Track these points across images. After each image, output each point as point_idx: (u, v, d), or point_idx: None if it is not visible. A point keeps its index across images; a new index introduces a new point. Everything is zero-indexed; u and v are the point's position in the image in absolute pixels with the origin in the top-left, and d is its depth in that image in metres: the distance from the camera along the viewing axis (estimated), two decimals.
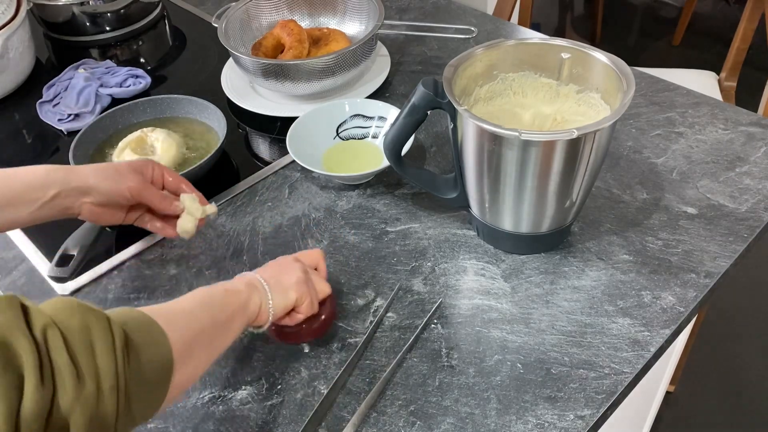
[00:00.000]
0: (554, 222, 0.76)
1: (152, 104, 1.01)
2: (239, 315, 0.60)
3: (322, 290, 0.69)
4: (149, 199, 0.72)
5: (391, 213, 0.86)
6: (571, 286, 0.75)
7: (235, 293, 0.61)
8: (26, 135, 1.09)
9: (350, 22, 1.13)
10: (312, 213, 0.87)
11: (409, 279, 0.78)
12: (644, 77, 1.05)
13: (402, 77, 1.10)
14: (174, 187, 0.75)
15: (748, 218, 0.81)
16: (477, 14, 1.23)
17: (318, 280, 0.69)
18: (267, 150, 1.01)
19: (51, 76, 1.14)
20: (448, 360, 0.69)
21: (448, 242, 0.82)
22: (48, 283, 0.81)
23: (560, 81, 0.78)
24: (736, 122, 0.95)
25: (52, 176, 0.67)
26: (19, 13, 1.14)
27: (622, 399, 0.67)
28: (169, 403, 0.52)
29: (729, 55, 1.64)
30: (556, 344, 0.70)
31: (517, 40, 0.78)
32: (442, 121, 0.99)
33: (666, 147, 0.92)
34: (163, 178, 0.75)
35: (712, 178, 0.87)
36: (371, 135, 0.96)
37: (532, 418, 0.64)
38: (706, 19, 2.97)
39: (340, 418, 0.65)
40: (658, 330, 0.70)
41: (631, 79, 0.69)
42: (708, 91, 1.46)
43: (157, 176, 0.74)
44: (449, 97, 0.69)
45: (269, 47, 1.07)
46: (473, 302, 0.75)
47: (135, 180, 0.70)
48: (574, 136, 0.64)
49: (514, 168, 0.69)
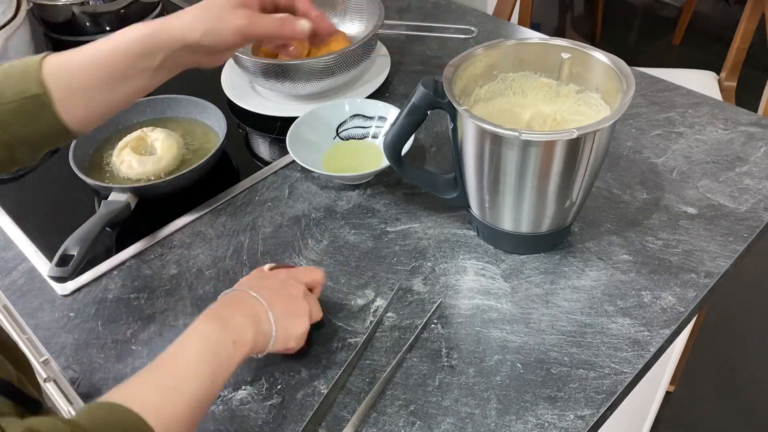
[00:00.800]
0: (554, 222, 0.76)
1: (152, 104, 1.01)
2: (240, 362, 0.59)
3: (315, 316, 0.69)
4: (266, 32, 0.66)
5: (391, 213, 0.86)
6: (571, 286, 0.75)
7: (242, 345, 0.59)
8: None
9: (350, 22, 1.13)
10: (312, 213, 0.87)
11: (409, 279, 0.78)
12: (644, 77, 1.05)
13: (402, 77, 1.10)
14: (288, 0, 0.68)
15: (748, 218, 0.81)
16: (477, 14, 1.23)
17: (313, 304, 0.69)
18: (267, 150, 1.01)
19: None
20: (448, 360, 0.69)
21: (448, 242, 0.82)
22: (48, 283, 0.81)
23: (560, 81, 0.78)
24: (736, 122, 0.95)
25: (156, 39, 0.63)
26: (19, 13, 1.14)
27: (622, 399, 0.67)
28: None
29: (729, 55, 1.64)
30: (556, 344, 0.70)
31: (517, 40, 0.78)
32: (442, 121, 0.99)
33: (666, 147, 0.92)
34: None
35: (712, 178, 0.87)
36: (371, 135, 0.96)
37: (532, 418, 0.64)
38: (706, 19, 2.97)
39: (340, 418, 0.65)
40: (658, 330, 0.70)
41: (631, 79, 0.69)
42: (708, 91, 1.46)
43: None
44: (449, 97, 0.69)
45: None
46: (473, 302, 0.75)
47: (241, 17, 0.64)
48: (574, 136, 0.64)
49: (514, 168, 0.69)
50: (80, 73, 0.64)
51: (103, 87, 0.64)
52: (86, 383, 0.71)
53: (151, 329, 0.75)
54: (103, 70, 0.64)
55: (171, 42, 0.64)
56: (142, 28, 0.64)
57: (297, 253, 0.82)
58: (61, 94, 0.63)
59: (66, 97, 0.63)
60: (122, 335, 0.75)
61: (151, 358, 0.72)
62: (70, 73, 0.63)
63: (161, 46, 0.64)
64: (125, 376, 0.71)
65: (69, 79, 0.63)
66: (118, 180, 0.92)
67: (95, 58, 0.64)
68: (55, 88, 0.62)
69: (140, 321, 0.76)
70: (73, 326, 0.76)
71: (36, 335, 0.76)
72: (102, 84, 0.64)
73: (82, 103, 0.64)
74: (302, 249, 0.82)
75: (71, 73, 0.64)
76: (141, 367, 0.71)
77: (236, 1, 0.65)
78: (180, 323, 0.75)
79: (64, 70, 0.63)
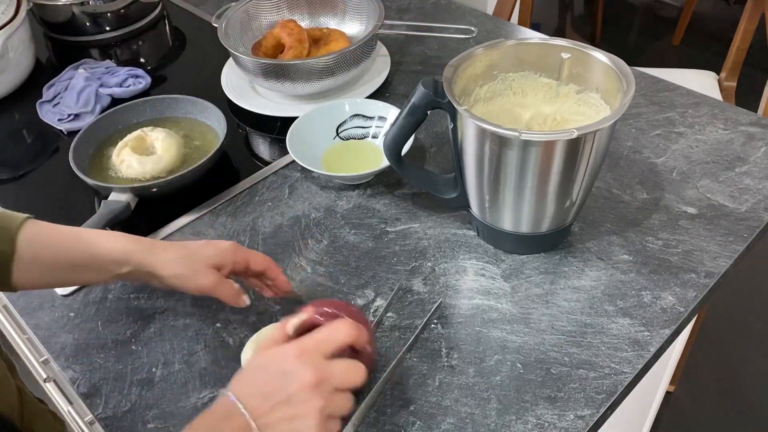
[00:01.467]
0: (554, 222, 0.76)
1: (152, 104, 1.01)
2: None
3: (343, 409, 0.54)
4: (220, 297, 0.70)
5: (391, 213, 0.86)
6: (571, 286, 0.75)
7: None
8: (26, 135, 1.09)
9: (350, 22, 1.13)
10: (312, 213, 0.87)
11: (409, 279, 0.78)
12: (644, 77, 1.05)
13: (402, 77, 1.10)
14: (260, 268, 0.72)
15: (748, 218, 0.81)
16: (477, 14, 1.23)
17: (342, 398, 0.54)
18: (267, 150, 1.01)
19: (51, 76, 1.14)
20: (448, 360, 0.69)
21: (448, 242, 0.82)
22: None
23: (560, 81, 0.78)
24: (736, 122, 0.95)
25: (129, 256, 0.68)
26: (19, 13, 1.14)
27: (622, 399, 0.67)
28: None
29: (729, 55, 1.64)
30: (556, 344, 0.70)
31: (517, 40, 0.78)
32: (442, 121, 0.99)
33: (666, 147, 0.92)
34: (248, 262, 0.71)
35: (712, 178, 0.87)
36: (371, 135, 0.96)
37: (532, 418, 0.64)
38: (706, 19, 2.97)
39: None
40: (658, 330, 0.70)
41: (631, 79, 0.69)
42: (708, 91, 1.46)
43: (240, 263, 0.71)
44: (449, 97, 0.69)
45: (269, 47, 1.07)
46: (473, 302, 0.75)
47: (209, 279, 0.68)
48: (574, 136, 0.64)
49: (514, 168, 0.69)
50: (52, 251, 0.67)
51: (66, 270, 0.68)
52: (86, 383, 0.71)
53: (151, 329, 0.75)
54: (74, 258, 0.67)
55: (144, 265, 0.68)
56: (127, 244, 0.68)
57: (297, 253, 0.82)
58: (24, 260, 0.65)
59: (26, 264, 0.65)
60: (122, 335, 0.75)
61: (151, 358, 0.72)
62: (44, 246, 0.66)
63: (134, 264, 0.68)
64: (125, 376, 0.71)
65: (40, 251, 0.66)
66: (118, 180, 0.92)
67: (72, 246, 0.68)
68: (24, 253, 0.65)
69: (140, 321, 0.76)
70: (73, 326, 0.77)
71: (36, 335, 0.76)
72: (66, 267, 0.68)
73: (38, 274, 0.67)
74: (302, 249, 0.83)
75: (45, 246, 0.67)
76: (140, 367, 0.71)
77: (213, 260, 0.69)
78: (180, 323, 0.75)
79: (40, 242, 0.66)
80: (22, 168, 1.03)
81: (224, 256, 0.70)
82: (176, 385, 0.69)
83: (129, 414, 0.67)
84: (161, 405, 0.68)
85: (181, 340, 0.74)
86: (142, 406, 0.68)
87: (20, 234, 0.65)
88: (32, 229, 0.66)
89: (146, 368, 0.71)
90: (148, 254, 0.68)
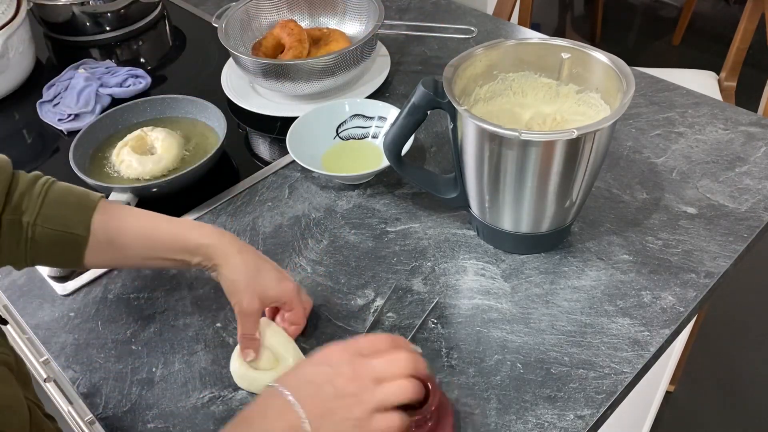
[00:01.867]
0: (554, 222, 0.76)
1: (152, 104, 1.01)
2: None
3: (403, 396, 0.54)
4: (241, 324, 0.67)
5: (391, 213, 0.86)
6: (571, 286, 0.75)
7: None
8: (26, 135, 1.09)
9: (350, 22, 1.13)
10: (312, 213, 0.87)
11: (409, 279, 0.78)
12: (644, 77, 1.05)
13: (402, 77, 1.10)
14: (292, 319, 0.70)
15: (748, 218, 0.81)
16: (477, 14, 1.23)
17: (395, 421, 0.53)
18: (267, 150, 1.01)
19: (51, 76, 1.14)
20: (448, 360, 0.69)
21: (448, 242, 0.82)
22: (48, 283, 0.81)
23: (560, 81, 0.78)
24: (736, 122, 0.95)
25: (205, 253, 0.67)
26: (19, 13, 1.14)
27: (622, 399, 0.67)
28: None
29: (729, 55, 1.64)
30: (556, 344, 0.70)
31: (517, 40, 0.78)
32: (442, 121, 0.99)
33: (666, 147, 0.92)
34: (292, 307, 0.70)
35: (712, 178, 0.87)
36: (371, 135, 0.96)
37: (532, 417, 0.64)
38: (706, 19, 2.97)
39: None
40: (658, 330, 0.70)
41: (631, 79, 0.69)
42: (708, 91, 1.46)
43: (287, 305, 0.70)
44: (449, 97, 0.69)
45: (269, 47, 1.07)
46: (473, 302, 0.75)
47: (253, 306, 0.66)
48: (574, 136, 0.64)
49: (514, 168, 0.69)
50: (128, 236, 0.66)
51: (136, 256, 0.67)
52: (86, 383, 0.71)
53: (151, 329, 0.75)
54: (147, 246, 0.67)
55: (214, 259, 0.67)
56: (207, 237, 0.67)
57: (297, 253, 0.82)
58: (97, 244, 0.65)
59: (99, 248, 0.65)
60: (122, 335, 0.75)
61: (151, 358, 0.72)
62: (119, 231, 0.66)
63: (208, 257, 0.67)
64: (125, 376, 0.71)
65: (116, 237, 0.65)
66: (118, 180, 0.92)
67: (147, 235, 0.67)
68: (97, 237, 0.64)
69: (140, 321, 0.76)
70: (73, 326, 0.77)
71: (36, 335, 0.76)
72: (137, 254, 0.67)
73: (108, 257, 0.67)
74: (302, 249, 0.83)
75: (120, 231, 0.66)
76: (140, 367, 0.71)
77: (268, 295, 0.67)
78: (180, 323, 0.75)
79: (115, 227, 0.65)
80: (22, 168, 1.02)
81: (282, 295, 0.69)
82: (176, 385, 0.69)
83: (129, 414, 0.67)
84: (161, 405, 0.68)
85: (181, 340, 0.74)
86: (142, 406, 0.68)
87: (95, 217, 0.64)
88: (108, 211, 0.65)
89: (146, 368, 0.71)
90: (223, 251, 0.67)
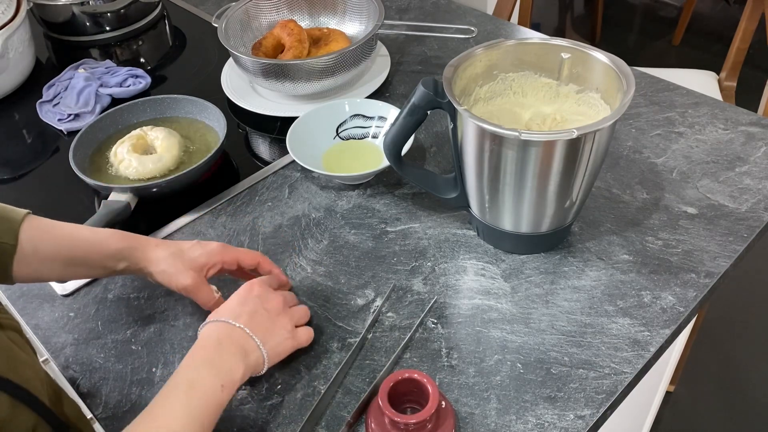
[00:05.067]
0: (554, 222, 0.76)
1: (152, 104, 1.01)
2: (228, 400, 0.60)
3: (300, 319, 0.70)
4: (196, 299, 0.72)
5: (391, 213, 0.86)
6: (571, 286, 0.75)
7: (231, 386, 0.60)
8: (26, 135, 1.09)
9: (350, 22, 1.13)
10: (312, 213, 0.87)
11: (409, 279, 0.78)
12: (644, 77, 1.05)
13: (402, 77, 1.10)
14: (252, 265, 0.74)
15: (748, 218, 0.81)
16: (477, 14, 1.23)
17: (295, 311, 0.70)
18: (267, 150, 1.01)
19: (51, 76, 1.14)
20: (448, 360, 0.69)
21: (448, 242, 0.82)
22: (48, 283, 0.81)
23: (560, 81, 0.78)
24: (736, 122, 0.95)
25: (124, 252, 0.70)
26: (19, 13, 1.14)
27: (622, 399, 0.67)
28: None
29: (729, 55, 1.64)
30: (556, 344, 0.70)
31: (517, 40, 0.78)
32: (442, 121, 0.99)
33: (666, 147, 0.92)
34: (238, 260, 0.73)
35: (712, 178, 0.87)
36: (371, 135, 0.96)
37: (532, 418, 0.64)
38: (706, 19, 2.97)
39: (340, 417, 0.65)
40: (658, 330, 0.70)
41: (631, 79, 0.69)
42: (708, 91, 1.46)
43: (230, 262, 0.73)
44: (449, 97, 0.69)
45: (269, 47, 1.07)
46: (473, 302, 0.75)
47: (189, 279, 0.70)
48: (574, 136, 0.64)
49: (514, 168, 0.69)
50: (52, 245, 0.68)
51: (64, 264, 0.69)
52: (86, 383, 0.71)
53: (151, 329, 0.75)
54: (73, 253, 0.69)
55: (137, 261, 0.71)
56: (122, 241, 0.71)
57: (297, 253, 0.82)
58: (24, 253, 0.66)
59: (26, 258, 0.66)
60: (122, 335, 0.75)
61: (151, 358, 0.72)
62: (44, 241, 0.67)
63: (130, 260, 0.71)
64: (125, 375, 0.71)
65: (40, 246, 0.67)
66: (118, 180, 0.92)
67: (72, 241, 0.69)
68: (25, 246, 0.66)
69: (140, 321, 0.76)
70: (73, 326, 0.77)
71: (36, 335, 0.76)
72: (64, 262, 0.69)
73: (36, 267, 0.68)
74: (302, 249, 0.83)
75: (45, 241, 0.68)
76: (140, 367, 0.71)
77: (199, 261, 0.71)
78: (180, 323, 0.75)
79: (40, 237, 0.67)
80: (22, 168, 1.03)
81: (211, 256, 0.72)
82: None
83: (129, 414, 0.67)
84: None
85: (181, 340, 0.74)
86: (142, 406, 0.68)
87: (23, 227, 0.66)
88: (32, 223, 0.67)
89: (146, 368, 0.71)
90: (141, 251, 0.71)
